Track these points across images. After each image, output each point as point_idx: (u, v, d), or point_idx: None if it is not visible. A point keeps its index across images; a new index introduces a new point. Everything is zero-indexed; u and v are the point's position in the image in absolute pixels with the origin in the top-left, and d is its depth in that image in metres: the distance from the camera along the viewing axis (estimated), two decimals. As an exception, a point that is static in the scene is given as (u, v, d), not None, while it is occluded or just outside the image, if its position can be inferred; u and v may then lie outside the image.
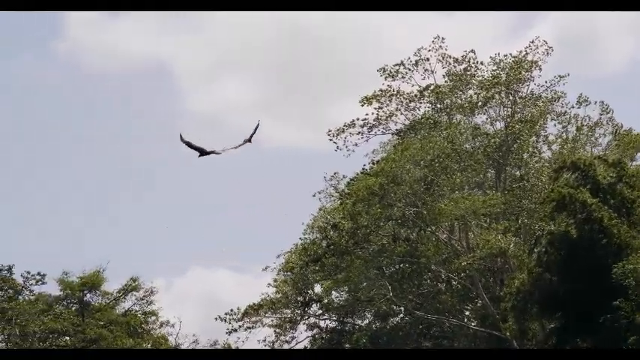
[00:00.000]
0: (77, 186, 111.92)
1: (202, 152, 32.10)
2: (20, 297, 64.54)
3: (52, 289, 69.08)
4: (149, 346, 70.90)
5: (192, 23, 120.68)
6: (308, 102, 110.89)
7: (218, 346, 68.82)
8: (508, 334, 47.54)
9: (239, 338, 59.67)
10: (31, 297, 64.98)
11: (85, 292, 70.19)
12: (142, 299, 71.64)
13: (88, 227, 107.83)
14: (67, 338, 68.09)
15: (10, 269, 62.02)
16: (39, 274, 62.94)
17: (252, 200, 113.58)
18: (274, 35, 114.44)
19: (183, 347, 72.57)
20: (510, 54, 55.47)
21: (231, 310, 59.72)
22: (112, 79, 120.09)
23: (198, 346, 72.34)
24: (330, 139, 55.95)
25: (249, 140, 35.32)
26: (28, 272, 62.89)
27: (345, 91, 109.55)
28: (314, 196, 61.24)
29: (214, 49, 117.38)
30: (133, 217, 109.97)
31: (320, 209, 60.27)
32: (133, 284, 71.06)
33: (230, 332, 59.46)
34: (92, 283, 69.73)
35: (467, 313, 57.84)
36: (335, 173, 60.90)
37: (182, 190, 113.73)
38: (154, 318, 72.97)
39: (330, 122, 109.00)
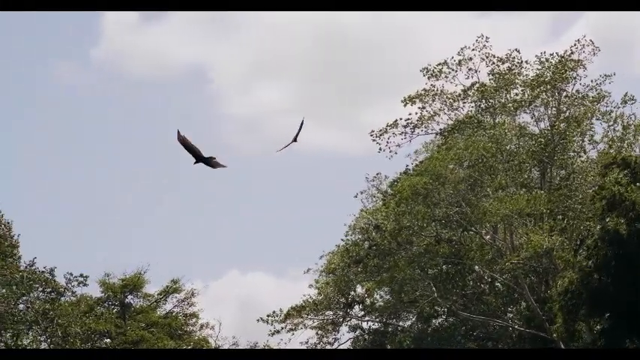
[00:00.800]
0: (119, 189, 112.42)
1: (198, 158, 27.45)
2: (62, 298, 64.43)
3: (94, 290, 69.34)
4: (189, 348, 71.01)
5: (231, 27, 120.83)
6: (346, 104, 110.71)
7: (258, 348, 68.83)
8: (555, 335, 47.00)
9: (282, 340, 59.49)
10: (73, 298, 64.92)
11: (126, 294, 70.42)
12: (183, 301, 71.79)
13: (130, 229, 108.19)
14: (108, 340, 68.32)
15: (52, 271, 61.92)
16: (81, 275, 62.73)
17: (290, 203, 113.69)
18: (312, 38, 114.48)
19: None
20: (557, 53, 55.00)
21: (273, 312, 59.58)
22: (151, 84, 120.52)
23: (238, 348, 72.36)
24: (373, 140, 55.67)
25: (295, 139, 34.53)
26: (71, 273, 62.76)
27: (383, 93, 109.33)
28: (356, 196, 61.21)
29: (253, 53, 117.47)
30: (173, 219, 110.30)
31: (362, 210, 60.01)
32: (174, 286, 71.20)
33: (273, 334, 59.27)
34: (133, 284, 69.92)
35: (510, 315, 57.28)
36: (377, 174, 60.89)
37: (221, 193, 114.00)
38: (194, 320, 73.09)
39: (368, 124, 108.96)
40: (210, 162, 27.57)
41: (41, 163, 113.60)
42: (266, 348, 65.24)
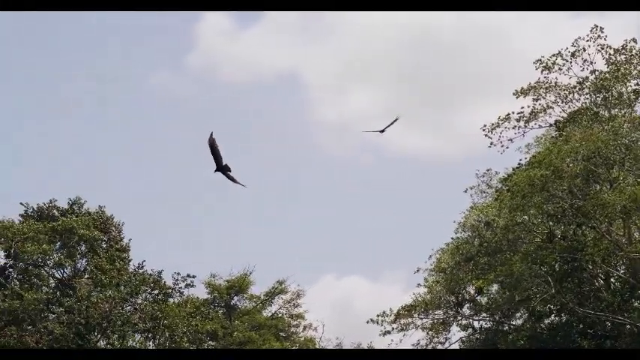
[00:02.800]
0: (216, 192, 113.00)
1: (219, 167, 27.59)
2: (170, 300, 64.52)
3: (200, 292, 69.50)
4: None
5: (323, 31, 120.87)
6: (437, 107, 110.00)
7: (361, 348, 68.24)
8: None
9: (392, 340, 58.66)
10: (180, 299, 64.98)
11: (232, 295, 70.38)
12: (289, 302, 71.51)
13: (235, 230, 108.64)
14: (214, 343, 68.22)
15: (160, 273, 62.12)
16: (188, 275, 62.78)
17: (382, 207, 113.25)
18: (404, 40, 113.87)
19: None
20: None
21: (383, 312, 58.85)
22: (245, 89, 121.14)
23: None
24: (485, 135, 54.66)
25: (383, 130, 34.18)
26: (178, 274, 62.83)
27: (474, 95, 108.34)
28: (465, 191, 60.28)
29: (344, 57, 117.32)
30: (269, 222, 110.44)
31: (472, 207, 58.97)
32: (280, 287, 71.00)
33: (384, 334, 58.49)
34: (239, 286, 69.85)
35: (629, 312, 55.59)
36: (488, 169, 59.86)
37: (313, 197, 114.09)
38: (299, 321, 72.78)
39: (459, 127, 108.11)
40: (229, 175, 27.69)
41: (145, 168, 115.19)
42: (370, 349, 64.72)
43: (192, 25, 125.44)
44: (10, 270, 60.45)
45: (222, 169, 27.75)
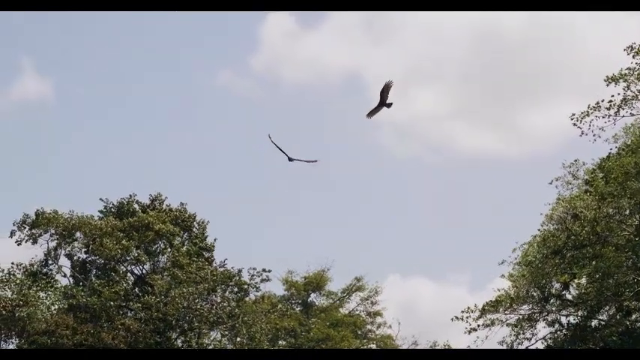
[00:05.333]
0: (288, 190, 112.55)
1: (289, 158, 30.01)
2: (247, 297, 63.73)
3: (276, 288, 68.70)
4: (373, 347, 69.41)
5: (387, 32, 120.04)
6: (502, 106, 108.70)
7: (438, 347, 66.90)
8: None
9: (478, 337, 56.94)
10: (257, 294, 64.19)
11: (309, 292, 69.38)
12: (367, 299, 70.29)
13: (312, 227, 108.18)
14: (293, 340, 67.34)
15: (240, 272, 61.44)
16: (264, 270, 61.94)
17: (446, 208, 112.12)
18: (467, 40, 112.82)
19: (403, 348, 70.91)
20: None
21: (468, 308, 57.17)
22: (309, 90, 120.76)
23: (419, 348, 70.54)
24: (574, 124, 52.75)
25: (388, 105, 31.99)
26: (254, 268, 62.06)
27: (539, 94, 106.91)
28: (550, 183, 58.48)
29: (408, 58, 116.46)
30: (334, 221, 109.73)
31: (559, 199, 57.19)
32: (358, 284, 69.83)
33: (469, 332, 56.78)
34: (316, 283, 68.82)
35: None
36: (575, 160, 58.05)
37: (378, 198, 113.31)
38: (377, 318, 71.60)
39: (524, 126, 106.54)
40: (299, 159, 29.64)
41: (218, 166, 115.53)
42: (446, 347, 63.28)
43: (256, 27, 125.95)
44: (89, 266, 60.08)
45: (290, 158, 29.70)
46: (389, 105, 30.92)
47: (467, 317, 56.91)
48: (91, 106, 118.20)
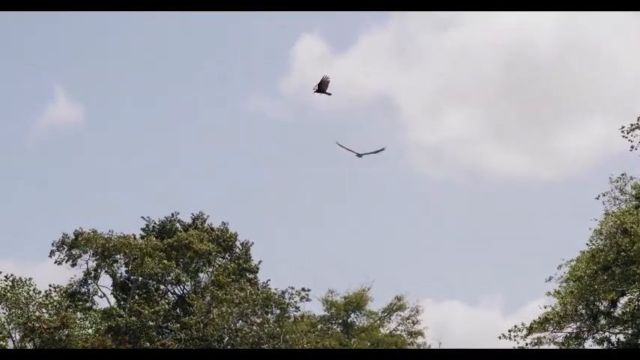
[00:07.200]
0: (327, 211, 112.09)
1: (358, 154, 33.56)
2: (287, 316, 62.87)
3: (316, 308, 67.88)
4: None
5: (416, 54, 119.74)
6: (533, 128, 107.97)
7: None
8: None
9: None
10: (297, 313, 63.34)
11: (350, 311, 68.48)
12: (408, 319, 69.27)
13: (344, 249, 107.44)
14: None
15: (283, 293, 60.70)
16: (303, 289, 61.19)
17: (478, 230, 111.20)
18: (497, 61, 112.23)
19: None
20: None
21: (515, 327, 56.08)
22: (340, 114, 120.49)
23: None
24: (624, 137, 51.76)
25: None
26: (292, 288, 61.32)
27: (572, 116, 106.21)
28: (597, 198, 57.36)
29: (438, 80, 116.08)
30: (366, 242, 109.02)
31: (606, 214, 56.07)
32: (398, 303, 68.84)
33: (517, 351, 55.62)
34: (357, 302, 67.89)
35: None
36: (622, 174, 56.89)
37: (411, 219, 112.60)
38: (417, 338, 70.54)
39: (557, 148, 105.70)
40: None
41: (255, 187, 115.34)
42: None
43: (287, 50, 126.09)
44: (130, 284, 59.50)
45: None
46: (328, 94, 34.81)
47: (514, 336, 55.82)
48: (126, 129, 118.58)
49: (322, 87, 32.78)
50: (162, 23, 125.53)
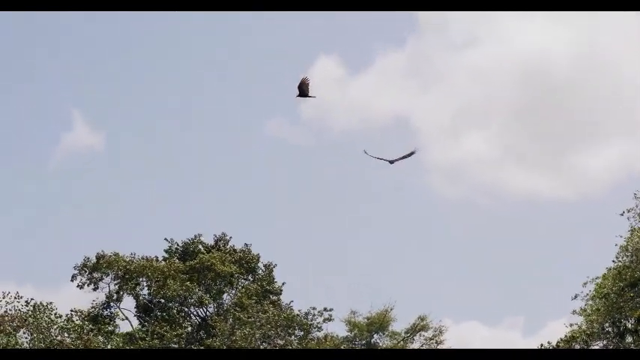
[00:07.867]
0: (346, 235, 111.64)
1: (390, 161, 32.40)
2: (310, 337, 62.37)
3: (339, 329, 67.34)
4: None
5: (434, 76, 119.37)
6: (553, 149, 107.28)
7: None
8: None
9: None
10: (319, 334, 62.84)
11: (373, 332, 67.92)
12: (432, 339, 68.62)
13: (363, 270, 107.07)
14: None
15: (306, 315, 60.25)
16: (325, 309, 60.76)
17: (497, 251, 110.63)
18: (516, 82, 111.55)
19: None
20: None
21: (541, 345, 55.59)
22: (357, 136, 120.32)
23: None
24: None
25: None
26: (314, 308, 60.87)
27: (592, 135, 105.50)
28: (622, 214, 56.80)
29: (455, 100, 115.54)
30: (385, 264, 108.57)
31: (632, 229, 55.52)
32: (422, 323, 68.23)
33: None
34: (380, 323, 67.34)
35: None
36: (647, 190, 56.39)
37: (428, 242, 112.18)
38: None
39: (577, 168, 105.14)
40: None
41: (280, 212, 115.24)
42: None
43: (303, 72, 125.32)
44: (153, 307, 59.16)
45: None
46: (312, 96, 32.98)
47: (540, 354, 55.20)
48: (147, 152, 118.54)
49: (303, 89, 32.14)
50: (182, 45, 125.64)
